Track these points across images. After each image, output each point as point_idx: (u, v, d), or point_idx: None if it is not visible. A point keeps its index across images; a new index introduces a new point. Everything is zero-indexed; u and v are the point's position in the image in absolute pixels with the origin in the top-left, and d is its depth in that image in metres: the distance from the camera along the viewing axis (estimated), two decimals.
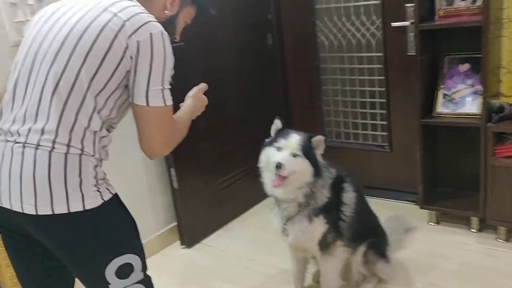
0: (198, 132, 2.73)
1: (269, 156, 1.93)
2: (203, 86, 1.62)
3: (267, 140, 2.01)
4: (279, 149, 1.91)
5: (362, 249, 2.13)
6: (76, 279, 1.41)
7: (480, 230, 2.62)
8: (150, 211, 2.81)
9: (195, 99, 1.57)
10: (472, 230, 2.64)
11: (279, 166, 1.84)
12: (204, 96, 1.61)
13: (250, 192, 3.00)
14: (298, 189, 1.93)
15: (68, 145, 1.22)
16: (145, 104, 1.27)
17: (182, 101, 1.57)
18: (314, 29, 3.21)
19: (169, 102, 1.31)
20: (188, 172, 2.81)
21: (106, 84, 1.25)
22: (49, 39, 1.29)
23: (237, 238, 2.93)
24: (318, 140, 1.93)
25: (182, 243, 2.88)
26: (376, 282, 2.24)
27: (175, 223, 2.89)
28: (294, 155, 1.89)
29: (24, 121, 1.25)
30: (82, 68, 1.23)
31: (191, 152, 2.79)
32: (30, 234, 1.29)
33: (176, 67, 1.34)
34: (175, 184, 2.73)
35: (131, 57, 1.25)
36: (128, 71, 1.27)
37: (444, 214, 2.75)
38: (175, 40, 1.54)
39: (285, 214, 2.01)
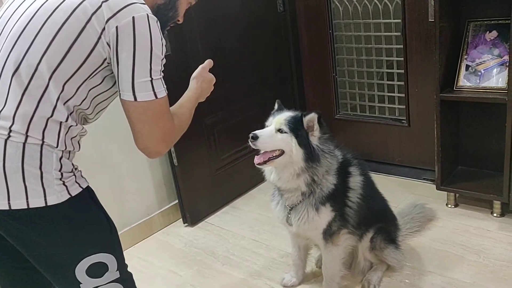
0: (200, 107, 2.58)
1: None
2: (208, 63, 1.47)
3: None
4: (266, 127, 1.76)
5: (368, 235, 1.99)
6: None
7: (502, 215, 2.41)
8: (152, 188, 2.71)
9: (201, 79, 1.43)
10: (494, 215, 2.43)
11: (253, 137, 1.67)
12: (211, 75, 1.47)
13: (258, 168, 2.85)
14: (297, 177, 1.74)
15: (26, 135, 1.10)
16: (132, 99, 1.13)
17: (187, 79, 1.43)
18: None
19: (162, 93, 1.16)
20: (190, 148, 2.68)
21: (76, 71, 1.12)
22: (18, 13, 1.17)
23: (242, 217, 2.81)
24: (310, 118, 1.70)
25: (184, 222, 2.78)
26: (383, 270, 2.09)
27: (176, 201, 2.79)
28: (280, 131, 1.71)
29: None
30: (45, 55, 1.10)
31: (193, 128, 2.62)
32: None
33: (179, 41, 1.16)
34: (175, 161, 2.61)
35: (108, 44, 1.10)
36: (105, 59, 1.13)
37: (464, 196, 2.55)
38: (178, 23, 1.40)
39: (288, 203, 1.85)
